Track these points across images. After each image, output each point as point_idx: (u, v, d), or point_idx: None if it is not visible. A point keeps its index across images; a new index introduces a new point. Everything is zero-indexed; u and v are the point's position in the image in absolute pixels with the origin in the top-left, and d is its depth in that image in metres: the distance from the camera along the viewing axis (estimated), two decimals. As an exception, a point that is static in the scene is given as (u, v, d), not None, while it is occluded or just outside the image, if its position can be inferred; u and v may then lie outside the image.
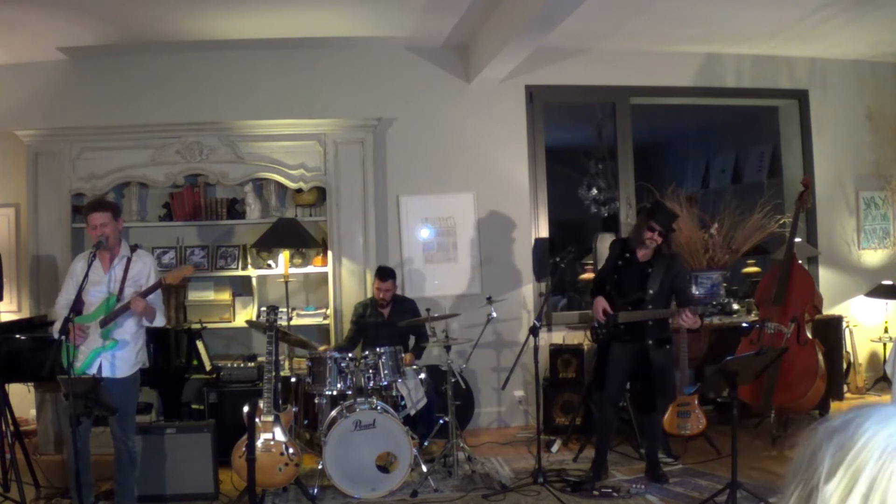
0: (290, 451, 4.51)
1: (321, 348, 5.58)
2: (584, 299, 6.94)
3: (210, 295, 6.21)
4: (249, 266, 6.24)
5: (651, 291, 4.71)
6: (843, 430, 0.73)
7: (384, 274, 5.65)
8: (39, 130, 5.97)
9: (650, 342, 4.73)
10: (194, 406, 5.51)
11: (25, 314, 5.97)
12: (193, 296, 6.19)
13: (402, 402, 5.16)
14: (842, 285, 7.07)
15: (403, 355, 5.13)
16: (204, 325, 5.90)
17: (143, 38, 6.00)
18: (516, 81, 6.53)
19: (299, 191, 6.17)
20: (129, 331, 4.14)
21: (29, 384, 5.45)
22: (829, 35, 6.35)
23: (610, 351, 4.82)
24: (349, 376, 4.91)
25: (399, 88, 6.53)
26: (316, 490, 4.65)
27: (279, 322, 4.86)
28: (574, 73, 6.66)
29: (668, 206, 5.06)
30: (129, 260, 4.17)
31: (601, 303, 4.79)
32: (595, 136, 7.83)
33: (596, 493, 4.59)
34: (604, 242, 5.75)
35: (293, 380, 5.36)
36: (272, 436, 4.51)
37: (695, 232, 6.42)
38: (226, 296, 6.22)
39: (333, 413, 4.85)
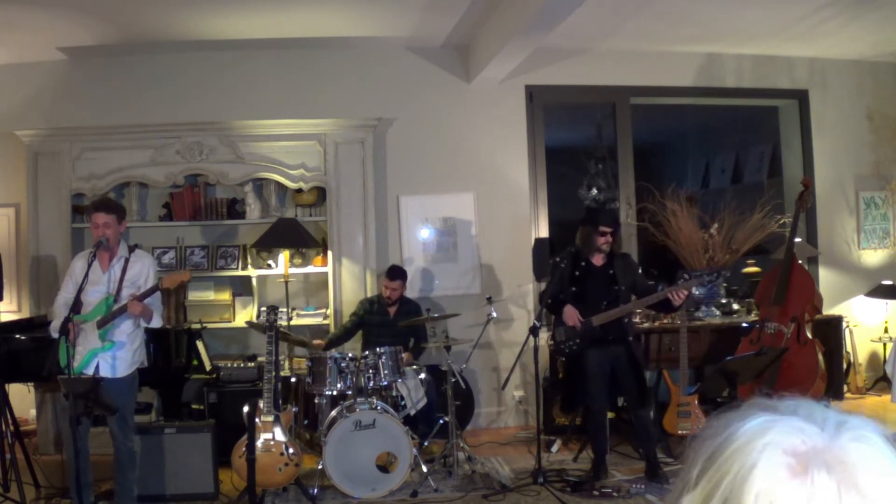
0: (290, 451, 4.51)
1: (315, 342, 5.59)
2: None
3: (210, 295, 6.20)
4: (249, 266, 6.24)
5: (623, 288, 4.83)
6: (721, 432, 0.71)
7: (394, 273, 5.66)
8: (39, 130, 5.96)
9: (631, 339, 4.86)
10: (194, 406, 5.51)
11: (25, 314, 5.97)
12: (193, 296, 6.19)
13: (402, 402, 5.16)
14: (842, 285, 7.07)
15: (402, 355, 5.13)
16: (204, 325, 5.89)
17: (143, 38, 6.00)
18: (516, 81, 6.53)
19: (299, 191, 6.17)
20: (126, 331, 4.14)
21: (29, 384, 5.45)
22: (829, 35, 6.35)
23: (585, 360, 4.81)
24: (349, 376, 4.91)
25: (399, 88, 6.52)
26: (316, 490, 4.65)
27: (279, 322, 4.86)
28: (574, 73, 6.65)
29: (604, 207, 5.14)
30: (126, 261, 4.17)
31: (574, 311, 4.79)
32: (595, 136, 7.83)
33: (596, 493, 4.59)
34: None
35: (293, 380, 5.36)
36: (272, 436, 4.51)
37: (695, 232, 6.42)
38: (226, 296, 6.22)
39: (333, 413, 4.85)
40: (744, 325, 5.93)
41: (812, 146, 7.08)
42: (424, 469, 4.83)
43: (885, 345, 6.96)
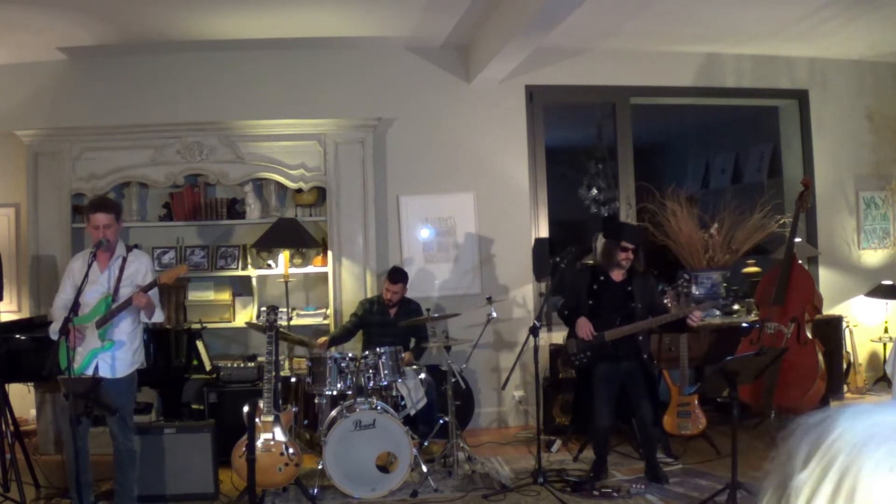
0: (290, 451, 4.51)
1: (319, 340, 5.57)
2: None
3: (210, 295, 6.20)
4: (249, 266, 6.24)
5: (640, 306, 4.80)
6: (818, 425, 0.76)
7: (395, 276, 5.65)
8: (39, 130, 5.96)
9: (645, 356, 4.82)
10: (194, 406, 5.51)
11: (25, 314, 5.97)
12: (193, 296, 6.19)
13: (402, 402, 5.16)
14: (842, 285, 7.07)
15: (402, 355, 5.13)
16: (204, 325, 5.89)
17: (143, 38, 6.00)
18: (516, 81, 6.53)
19: (299, 191, 6.17)
20: (125, 331, 4.14)
21: (29, 384, 5.45)
22: (829, 35, 6.35)
23: (595, 374, 4.79)
24: (349, 376, 4.91)
25: (399, 88, 6.52)
26: (316, 490, 4.65)
27: (279, 322, 4.85)
28: (574, 73, 6.65)
29: (628, 223, 5.10)
30: (124, 260, 4.17)
31: (587, 323, 4.77)
32: (595, 136, 7.83)
33: (596, 493, 4.59)
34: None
35: (293, 380, 5.36)
36: (272, 436, 4.51)
37: (695, 232, 6.42)
38: (226, 296, 6.22)
39: (333, 413, 4.85)
40: (744, 325, 5.93)
41: (812, 146, 7.08)
42: (424, 469, 4.83)
43: (885, 345, 6.96)
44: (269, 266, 6.23)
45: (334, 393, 4.93)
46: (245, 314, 6.21)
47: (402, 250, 6.49)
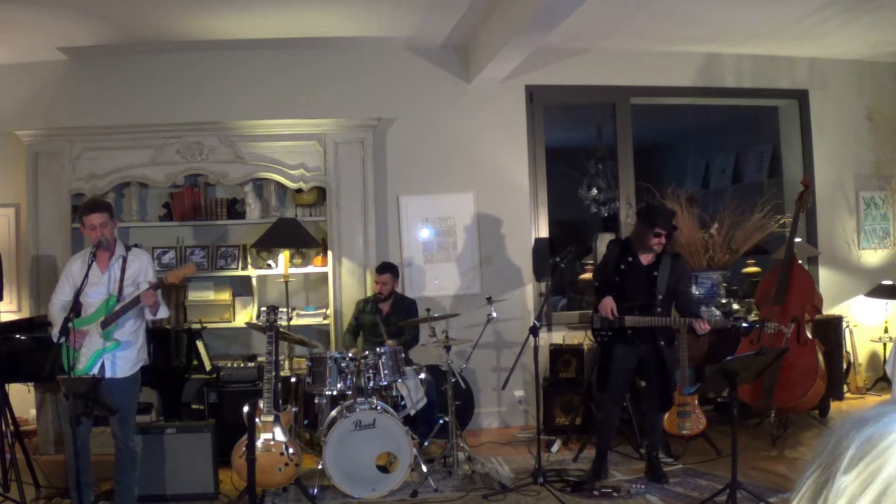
0: (290, 451, 4.51)
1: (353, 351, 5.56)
2: (585, 299, 6.94)
3: (210, 295, 6.21)
4: (249, 266, 6.24)
5: (660, 296, 4.72)
6: (874, 422, 0.71)
7: (383, 267, 5.72)
8: (39, 130, 5.96)
9: (662, 342, 4.75)
10: (194, 406, 5.51)
11: (25, 314, 5.97)
12: (193, 296, 6.19)
13: (402, 402, 5.16)
14: (842, 285, 7.07)
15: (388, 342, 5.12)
16: (204, 325, 5.89)
17: (143, 38, 6.00)
18: (516, 81, 6.53)
19: (299, 191, 6.17)
20: (129, 331, 4.14)
21: (29, 384, 5.45)
22: (829, 35, 6.35)
23: (614, 351, 4.79)
24: (349, 376, 4.91)
25: (399, 88, 6.52)
26: (316, 490, 4.65)
27: (279, 322, 4.86)
28: (574, 73, 6.65)
29: (663, 206, 5.06)
30: (124, 259, 4.17)
31: (611, 302, 4.73)
32: (595, 136, 7.83)
33: (596, 493, 4.59)
34: (604, 242, 5.72)
35: (293, 380, 5.36)
36: (272, 436, 4.51)
37: (695, 232, 6.42)
38: (226, 296, 6.22)
39: (333, 413, 4.85)
40: (744, 325, 5.92)
41: (812, 146, 7.08)
42: (424, 469, 4.83)
43: (885, 345, 6.96)
44: (269, 266, 6.23)
45: (334, 393, 4.93)
46: (245, 314, 6.21)
47: (402, 250, 6.49)
